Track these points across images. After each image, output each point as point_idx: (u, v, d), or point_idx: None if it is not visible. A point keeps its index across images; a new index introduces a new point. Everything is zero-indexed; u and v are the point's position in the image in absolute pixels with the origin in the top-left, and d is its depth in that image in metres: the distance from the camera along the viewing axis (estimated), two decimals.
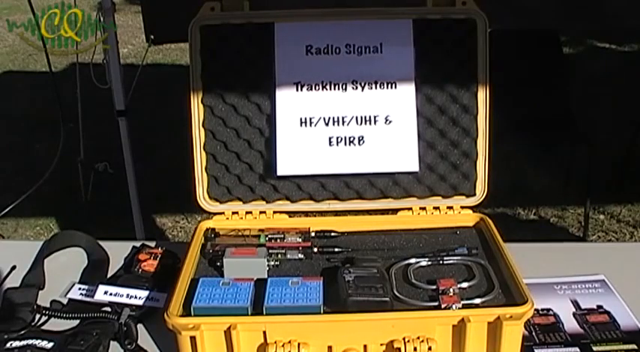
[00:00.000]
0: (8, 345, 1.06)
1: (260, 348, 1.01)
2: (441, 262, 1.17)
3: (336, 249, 1.21)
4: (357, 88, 1.27)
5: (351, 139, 1.27)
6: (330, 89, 1.27)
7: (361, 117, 1.27)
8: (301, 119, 1.27)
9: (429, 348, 0.99)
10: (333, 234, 1.26)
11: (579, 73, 4.30)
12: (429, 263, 1.17)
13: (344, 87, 1.27)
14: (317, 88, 1.27)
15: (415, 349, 0.99)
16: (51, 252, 1.35)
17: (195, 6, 1.27)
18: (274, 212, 1.31)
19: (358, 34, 1.27)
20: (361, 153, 1.27)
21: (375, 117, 1.27)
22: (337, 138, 1.27)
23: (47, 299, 1.19)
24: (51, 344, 1.07)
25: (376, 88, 1.27)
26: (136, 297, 1.17)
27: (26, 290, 1.21)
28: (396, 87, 1.27)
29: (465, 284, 1.10)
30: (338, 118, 1.27)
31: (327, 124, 1.27)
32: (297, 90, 1.27)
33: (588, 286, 1.24)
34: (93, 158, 3.49)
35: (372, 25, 1.28)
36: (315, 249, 1.21)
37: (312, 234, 1.24)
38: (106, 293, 1.18)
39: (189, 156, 1.29)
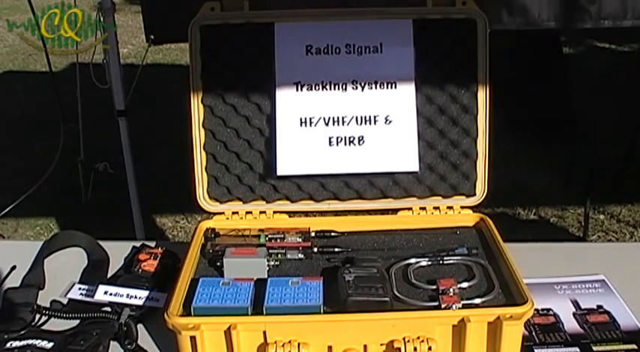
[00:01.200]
0: (8, 345, 1.06)
1: (260, 348, 1.01)
2: (441, 262, 1.17)
3: (336, 249, 1.21)
4: (357, 88, 1.27)
5: (351, 139, 1.27)
6: (330, 89, 1.27)
7: (361, 117, 1.27)
8: (301, 119, 1.27)
9: (429, 348, 0.99)
10: (333, 234, 1.26)
11: (579, 73, 4.30)
12: (429, 263, 1.17)
13: (344, 87, 1.27)
14: (317, 88, 1.27)
15: (415, 349, 0.99)
16: (51, 252, 1.35)
17: (195, 6, 1.27)
18: (274, 212, 1.31)
19: (358, 34, 1.27)
20: (361, 153, 1.27)
21: (375, 117, 1.27)
22: (337, 138, 1.27)
23: (47, 299, 1.19)
24: (51, 344, 1.07)
25: (376, 88, 1.27)
26: (136, 297, 1.17)
27: (26, 290, 1.21)
28: (396, 87, 1.27)
29: (465, 284, 1.10)
30: (338, 118, 1.27)
31: (327, 124, 1.27)
32: (297, 90, 1.27)
33: (588, 286, 1.24)
34: (93, 158, 3.49)
35: (372, 25, 1.28)
36: (315, 249, 1.21)
37: (312, 234, 1.24)
38: (106, 293, 1.18)
39: (189, 156, 1.29)
